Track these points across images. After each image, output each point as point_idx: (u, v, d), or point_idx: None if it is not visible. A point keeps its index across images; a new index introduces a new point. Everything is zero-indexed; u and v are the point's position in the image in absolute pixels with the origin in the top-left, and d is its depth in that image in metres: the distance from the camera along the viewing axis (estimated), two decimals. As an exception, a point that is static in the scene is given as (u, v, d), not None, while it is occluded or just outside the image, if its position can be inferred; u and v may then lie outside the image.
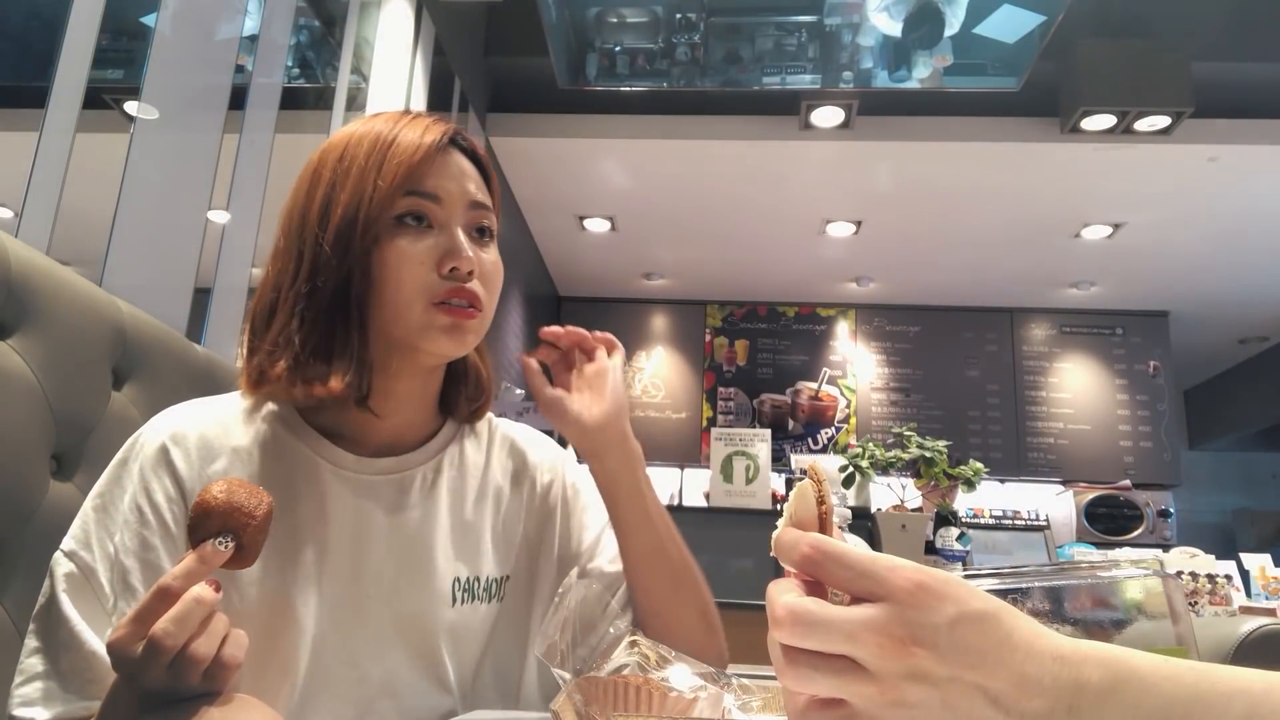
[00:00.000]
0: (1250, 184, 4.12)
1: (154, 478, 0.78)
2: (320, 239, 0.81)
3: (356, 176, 0.82)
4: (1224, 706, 0.39)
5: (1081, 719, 0.40)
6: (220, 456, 0.81)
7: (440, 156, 0.85)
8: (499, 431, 1.01)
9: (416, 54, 3.16)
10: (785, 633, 0.43)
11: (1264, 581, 2.41)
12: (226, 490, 0.64)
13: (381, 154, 0.82)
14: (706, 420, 5.80)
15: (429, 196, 0.83)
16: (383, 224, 0.81)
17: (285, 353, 0.80)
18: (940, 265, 5.28)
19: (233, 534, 0.63)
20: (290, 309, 0.81)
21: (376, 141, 0.83)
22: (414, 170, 0.82)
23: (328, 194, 0.83)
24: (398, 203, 0.81)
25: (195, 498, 0.64)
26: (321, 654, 0.79)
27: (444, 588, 0.86)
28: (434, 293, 0.81)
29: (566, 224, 4.90)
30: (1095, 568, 0.52)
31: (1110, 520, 5.05)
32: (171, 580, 0.60)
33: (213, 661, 0.60)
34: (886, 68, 3.55)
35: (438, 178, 0.84)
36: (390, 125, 0.85)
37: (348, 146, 0.85)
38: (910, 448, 3.17)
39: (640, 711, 0.62)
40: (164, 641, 0.58)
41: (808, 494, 0.49)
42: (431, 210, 0.83)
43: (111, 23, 1.79)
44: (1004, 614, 0.42)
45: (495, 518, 0.93)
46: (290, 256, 0.83)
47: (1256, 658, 1.61)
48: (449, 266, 0.81)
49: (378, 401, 0.84)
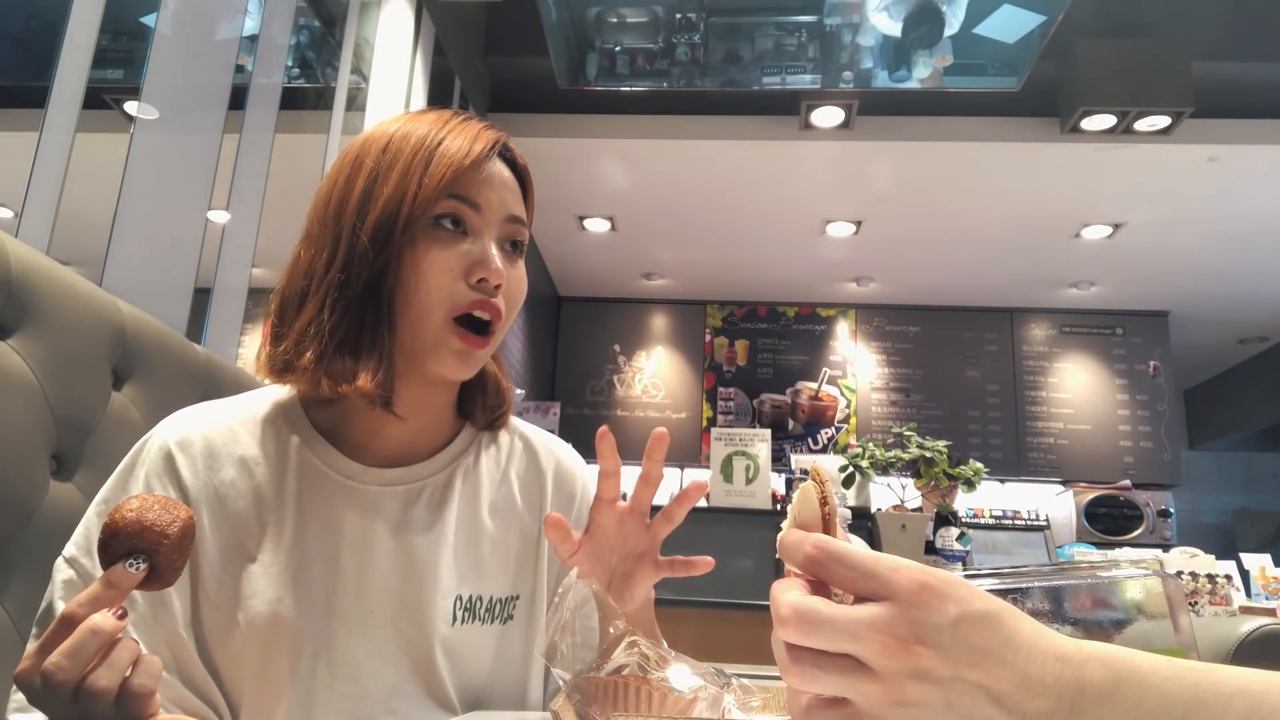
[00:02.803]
0: (1250, 184, 4.12)
1: (158, 485, 0.78)
2: (358, 229, 0.80)
3: (401, 171, 0.81)
4: (1224, 706, 0.39)
5: (1083, 718, 0.40)
6: (226, 465, 0.81)
7: (487, 165, 0.84)
8: (521, 441, 0.98)
9: (416, 54, 3.16)
10: (790, 631, 0.43)
11: (1264, 581, 2.41)
12: (138, 508, 0.60)
13: (429, 153, 0.81)
14: (706, 420, 5.80)
15: (470, 203, 0.82)
16: (421, 223, 0.80)
17: (314, 343, 0.79)
18: (940, 265, 5.28)
19: (144, 554, 0.59)
20: (322, 298, 0.80)
21: (425, 140, 0.82)
22: (461, 174, 0.81)
23: (369, 185, 0.82)
24: (440, 204, 0.80)
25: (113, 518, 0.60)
26: (322, 667, 0.78)
27: (445, 605, 0.84)
28: (457, 302, 0.80)
29: (566, 224, 4.90)
30: (1095, 568, 0.52)
31: (1110, 520, 5.05)
32: (75, 607, 0.57)
33: (121, 691, 0.57)
34: (886, 68, 3.55)
35: (481, 186, 0.83)
36: (438, 126, 0.84)
37: (392, 140, 0.83)
38: (910, 448, 3.17)
39: (640, 711, 0.62)
40: (55, 675, 0.55)
41: (810, 495, 0.49)
42: (470, 217, 0.82)
43: (111, 23, 1.79)
44: (1006, 614, 0.42)
45: (507, 534, 0.91)
46: (325, 243, 0.82)
47: (1256, 658, 1.61)
48: (478, 277, 0.81)
49: (373, 409, 0.82)
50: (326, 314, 0.79)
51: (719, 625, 2.77)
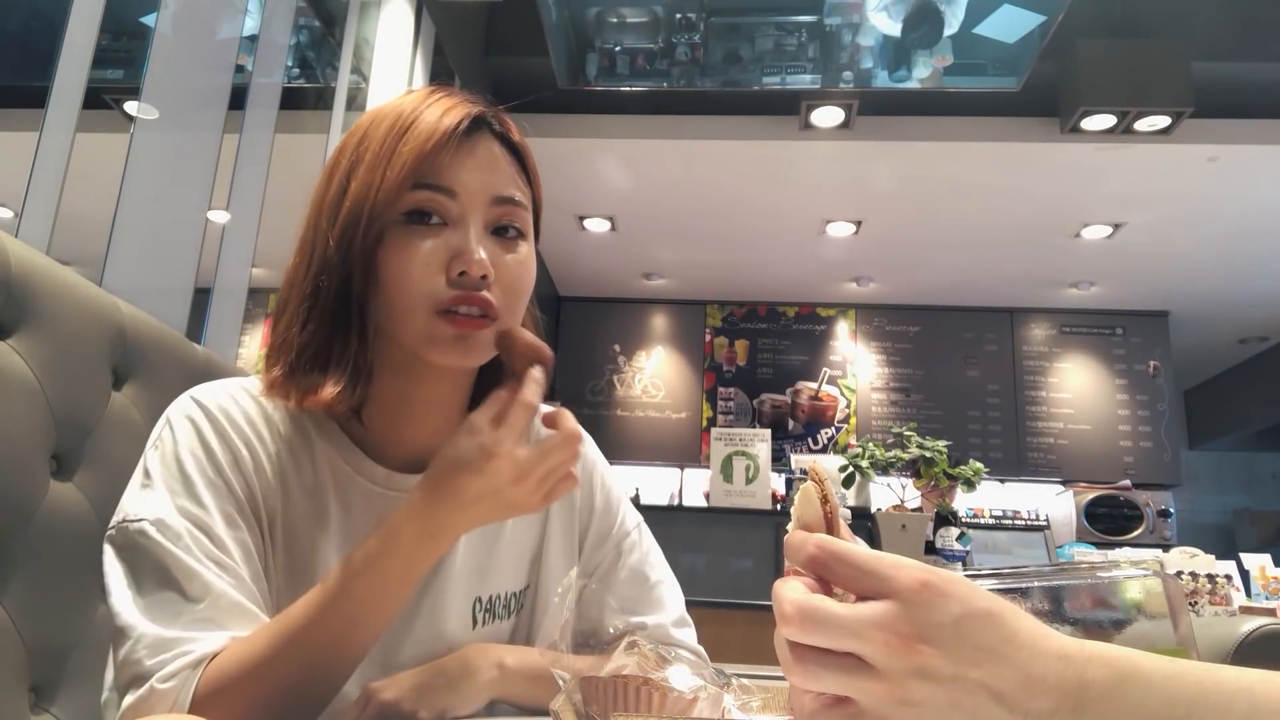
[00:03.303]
0: (1250, 184, 4.12)
1: (219, 444, 0.75)
2: (329, 234, 0.75)
3: (369, 165, 0.75)
4: (1226, 706, 0.39)
5: (1085, 717, 0.40)
6: (245, 454, 0.76)
7: (463, 143, 0.76)
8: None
9: (416, 54, 3.16)
10: (793, 630, 0.43)
11: (1264, 581, 2.41)
12: None
13: (397, 139, 0.74)
14: (706, 420, 5.80)
15: (442, 190, 0.74)
16: (389, 220, 0.74)
17: (283, 357, 0.76)
18: (940, 265, 5.28)
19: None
20: (295, 309, 0.77)
21: (396, 123, 0.75)
22: (425, 160, 0.73)
23: (342, 183, 0.76)
24: (405, 198, 0.73)
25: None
26: None
27: (464, 610, 0.83)
28: (439, 299, 0.73)
29: (566, 224, 4.90)
30: (1095, 568, 0.52)
31: (1110, 520, 5.05)
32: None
33: None
34: (886, 68, 3.56)
35: (456, 168, 0.75)
36: (416, 104, 0.77)
37: (369, 128, 0.77)
38: (910, 448, 3.17)
39: (640, 711, 0.62)
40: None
41: (811, 495, 0.49)
42: (444, 206, 0.75)
43: (111, 23, 1.79)
44: (1008, 613, 0.42)
45: (517, 525, 0.89)
46: (305, 251, 0.78)
47: (1256, 658, 1.61)
48: (457, 270, 0.73)
49: (384, 413, 0.80)
50: (297, 328, 0.76)
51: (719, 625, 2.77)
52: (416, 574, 0.70)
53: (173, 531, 0.69)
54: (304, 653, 0.66)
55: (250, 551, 0.73)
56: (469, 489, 0.67)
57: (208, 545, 0.69)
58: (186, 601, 0.67)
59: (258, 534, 0.75)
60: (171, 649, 0.64)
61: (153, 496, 0.71)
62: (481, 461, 0.67)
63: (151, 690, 0.63)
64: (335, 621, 0.67)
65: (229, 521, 0.72)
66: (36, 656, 0.85)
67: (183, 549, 0.68)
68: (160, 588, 0.67)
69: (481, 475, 0.67)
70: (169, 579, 0.67)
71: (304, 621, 0.66)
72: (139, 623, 0.66)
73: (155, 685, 0.63)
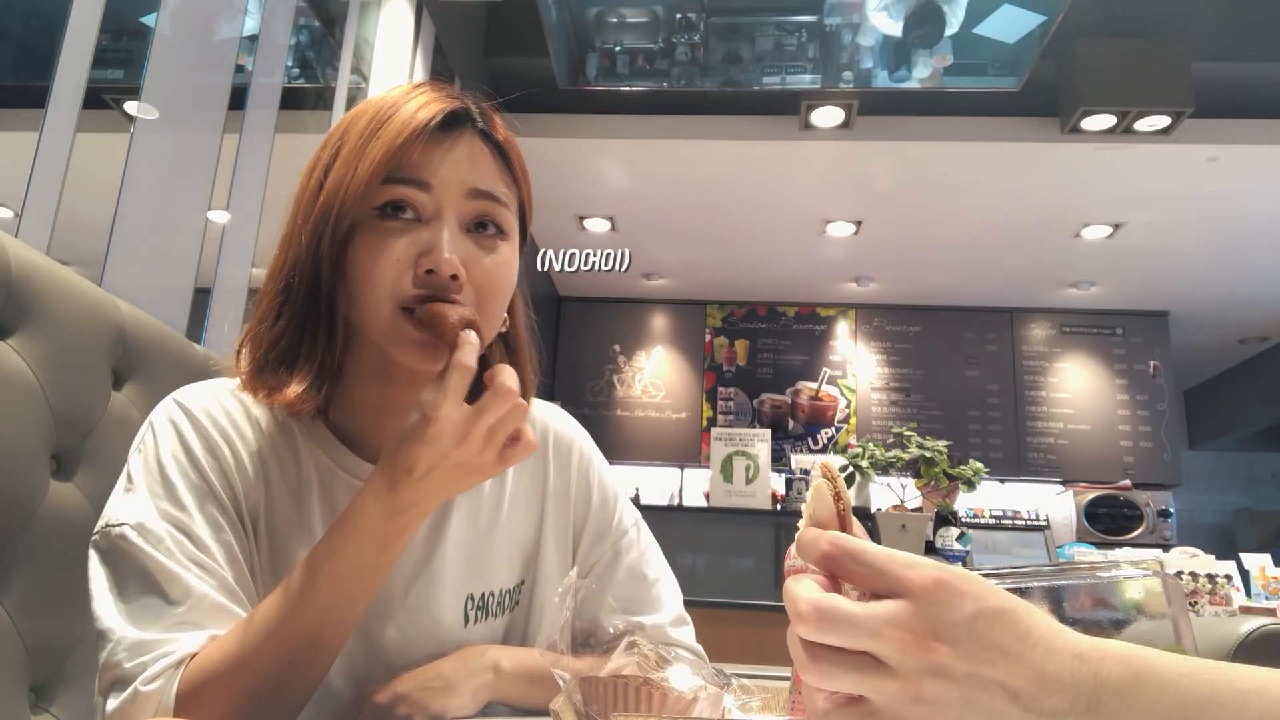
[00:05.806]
0: (1250, 184, 4.12)
1: (203, 449, 0.75)
2: (303, 230, 0.75)
3: (345, 159, 0.74)
4: (1240, 704, 0.39)
5: (1100, 716, 0.40)
6: (227, 454, 0.77)
7: (440, 138, 0.75)
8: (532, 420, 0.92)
9: (416, 54, 3.16)
10: (808, 628, 0.43)
11: (1264, 581, 2.41)
12: None
13: (372, 133, 0.73)
14: (706, 420, 5.80)
15: (416, 184, 0.73)
16: (360, 215, 0.73)
17: (252, 352, 0.76)
18: (940, 265, 5.28)
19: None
20: (267, 305, 0.77)
21: (375, 117, 0.75)
22: (396, 153, 0.72)
23: (320, 178, 0.76)
24: (376, 193, 0.72)
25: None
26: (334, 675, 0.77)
27: (455, 608, 0.82)
28: (403, 297, 0.72)
29: (566, 224, 4.90)
30: (1095, 568, 0.52)
31: (1110, 520, 5.05)
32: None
33: None
34: (886, 68, 3.56)
35: (431, 163, 0.74)
36: (396, 99, 0.76)
37: (349, 123, 0.76)
38: (910, 448, 3.17)
39: (640, 711, 0.62)
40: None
41: (824, 493, 0.49)
42: (417, 200, 0.73)
43: (111, 23, 1.79)
44: (1022, 611, 0.42)
45: (512, 521, 0.88)
46: (284, 246, 0.78)
47: (1256, 658, 1.61)
48: (425, 267, 0.71)
49: (366, 412, 0.80)
50: (268, 323, 0.76)
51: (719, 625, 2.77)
52: (388, 558, 0.70)
53: (154, 535, 0.69)
54: (281, 644, 0.66)
55: (234, 552, 0.73)
56: (419, 459, 0.66)
57: (190, 548, 0.70)
58: (168, 605, 0.67)
59: (242, 534, 0.75)
60: (151, 651, 0.65)
61: (135, 501, 0.72)
62: (423, 428, 0.66)
63: (136, 693, 0.63)
64: (310, 610, 0.67)
65: (211, 523, 0.72)
66: (36, 656, 0.85)
67: (164, 552, 0.68)
68: (142, 592, 0.68)
69: (425, 442, 0.66)
70: (151, 583, 0.68)
71: (279, 614, 0.66)
72: (119, 626, 0.66)
73: (140, 688, 0.63)
